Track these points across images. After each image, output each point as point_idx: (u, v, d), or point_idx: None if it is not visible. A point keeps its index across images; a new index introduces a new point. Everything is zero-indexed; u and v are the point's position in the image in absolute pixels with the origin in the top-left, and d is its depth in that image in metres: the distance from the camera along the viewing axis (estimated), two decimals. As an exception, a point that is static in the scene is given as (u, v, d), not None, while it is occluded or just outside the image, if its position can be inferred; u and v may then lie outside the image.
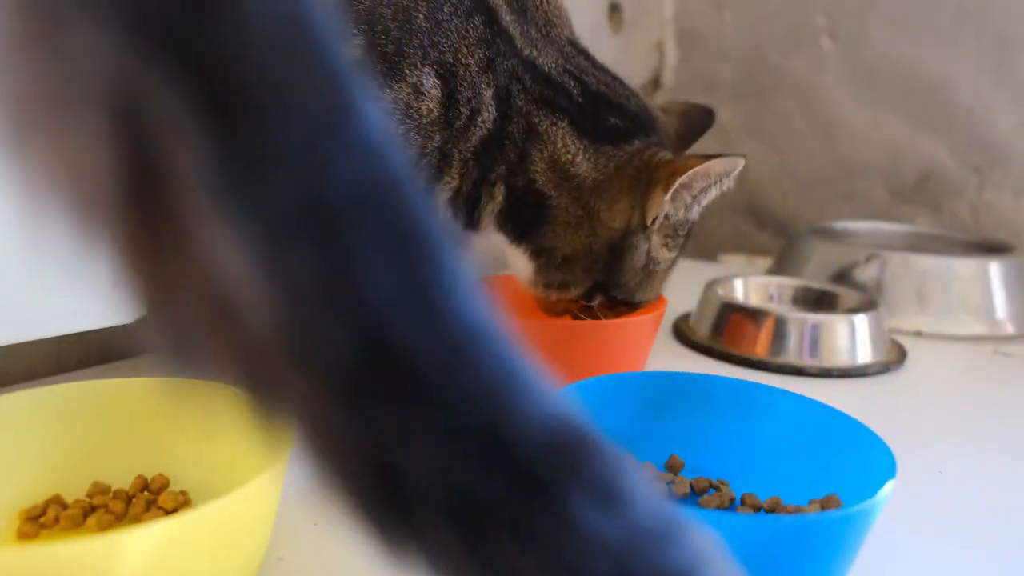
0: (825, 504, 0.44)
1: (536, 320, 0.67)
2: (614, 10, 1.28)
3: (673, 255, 0.65)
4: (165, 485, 0.45)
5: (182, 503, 0.44)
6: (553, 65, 0.59)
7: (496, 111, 0.57)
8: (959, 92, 1.14)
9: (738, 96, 1.32)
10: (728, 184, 0.61)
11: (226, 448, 0.45)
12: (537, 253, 0.62)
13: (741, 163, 0.59)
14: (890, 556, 0.44)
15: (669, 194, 0.59)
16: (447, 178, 0.58)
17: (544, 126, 0.58)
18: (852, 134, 1.23)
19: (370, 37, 0.53)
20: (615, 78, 0.63)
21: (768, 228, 1.33)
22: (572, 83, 0.60)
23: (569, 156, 0.59)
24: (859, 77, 1.21)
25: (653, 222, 0.61)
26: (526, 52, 0.58)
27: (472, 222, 0.61)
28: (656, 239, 0.62)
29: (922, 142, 1.18)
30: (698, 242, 1.40)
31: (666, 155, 0.60)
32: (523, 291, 0.77)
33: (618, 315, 0.66)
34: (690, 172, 0.58)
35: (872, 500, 0.37)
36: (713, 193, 0.61)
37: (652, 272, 0.64)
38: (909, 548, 0.46)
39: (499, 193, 0.60)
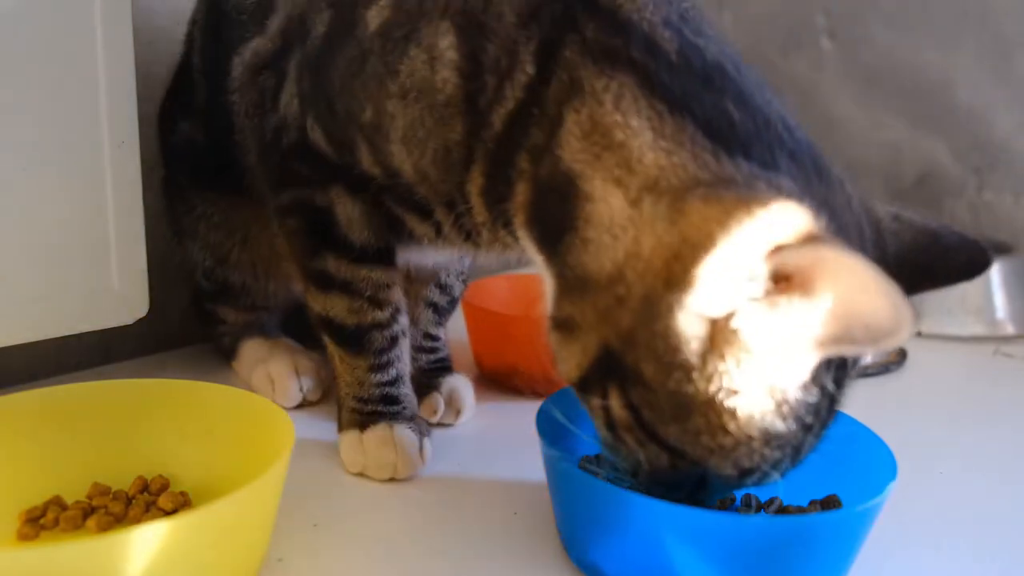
0: (825, 505, 0.44)
1: (536, 320, 0.67)
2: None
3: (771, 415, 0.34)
4: (165, 486, 0.45)
5: (182, 504, 0.44)
6: (644, 13, 0.39)
7: (535, 70, 0.40)
8: (959, 92, 1.14)
9: (738, 96, 1.32)
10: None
11: (226, 448, 0.45)
12: (560, 269, 0.40)
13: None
14: (890, 556, 0.44)
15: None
16: (473, 174, 0.44)
17: (592, 81, 0.38)
18: (852, 134, 1.23)
19: None
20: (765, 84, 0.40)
21: (768, 228, 1.33)
22: (668, 37, 0.39)
23: (620, 118, 0.37)
24: (859, 77, 1.21)
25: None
26: None
27: (506, 223, 0.44)
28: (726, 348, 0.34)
29: (922, 142, 1.17)
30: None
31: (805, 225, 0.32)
32: (523, 291, 0.77)
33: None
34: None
35: (873, 501, 0.37)
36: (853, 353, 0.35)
37: (710, 402, 0.34)
38: (909, 548, 0.46)
39: (521, 192, 0.41)
